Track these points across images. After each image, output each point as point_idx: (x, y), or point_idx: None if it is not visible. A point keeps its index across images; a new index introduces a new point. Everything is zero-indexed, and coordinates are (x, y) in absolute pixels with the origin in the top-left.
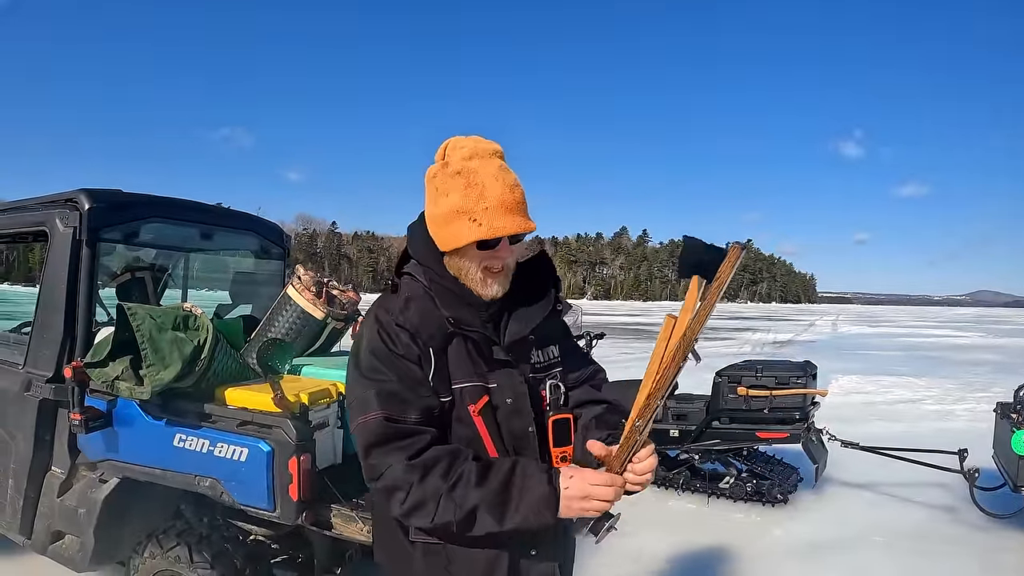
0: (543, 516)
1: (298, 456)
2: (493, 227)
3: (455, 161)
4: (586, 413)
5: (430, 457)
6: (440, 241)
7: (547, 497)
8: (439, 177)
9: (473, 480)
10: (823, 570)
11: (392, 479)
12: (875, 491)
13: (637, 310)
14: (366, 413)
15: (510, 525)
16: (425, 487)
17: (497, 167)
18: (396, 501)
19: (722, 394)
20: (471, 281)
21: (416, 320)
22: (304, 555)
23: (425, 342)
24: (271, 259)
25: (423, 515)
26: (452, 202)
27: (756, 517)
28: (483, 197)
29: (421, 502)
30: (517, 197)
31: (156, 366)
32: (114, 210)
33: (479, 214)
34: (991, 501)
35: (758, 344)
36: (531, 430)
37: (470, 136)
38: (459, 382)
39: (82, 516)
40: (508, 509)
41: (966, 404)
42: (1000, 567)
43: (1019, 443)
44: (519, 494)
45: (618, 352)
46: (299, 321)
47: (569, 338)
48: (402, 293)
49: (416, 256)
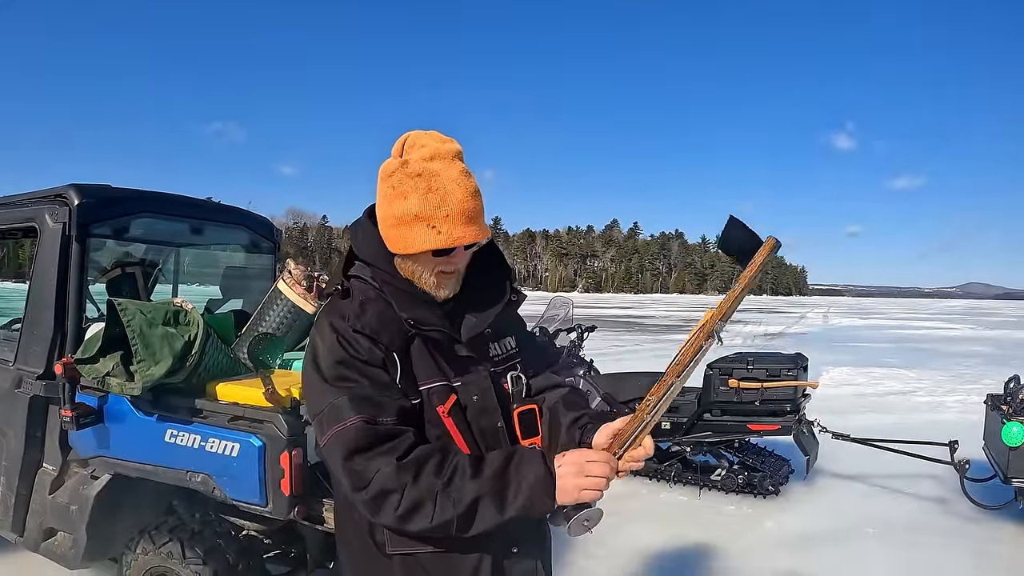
0: (543, 501)
1: (289, 450)
2: (452, 236)
3: (415, 161)
4: (550, 397)
5: (420, 455)
6: (393, 243)
7: (544, 479)
8: (397, 176)
9: (468, 472)
10: (815, 562)
11: (383, 483)
12: (866, 483)
13: (628, 303)
14: (341, 421)
15: (511, 513)
16: (420, 486)
17: (459, 172)
18: (390, 506)
19: (713, 386)
20: (423, 284)
21: (374, 324)
22: (297, 550)
23: (387, 346)
24: (261, 253)
25: (421, 516)
26: (410, 206)
27: (748, 509)
28: (444, 204)
29: (418, 503)
30: (477, 205)
31: (147, 362)
32: (104, 205)
33: (439, 222)
34: (982, 492)
35: (749, 336)
36: (500, 425)
37: (430, 132)
38: (425, 383)
39: (74, 513)
40: (507, 496)
41: (957, 396)
42: (991, 557)
43: (1009, 434)
44: (517, 479)
45: (609, 345)
46: (290, 315)
47: (525, 328)
48: (355, 297)
49: (364, 256)
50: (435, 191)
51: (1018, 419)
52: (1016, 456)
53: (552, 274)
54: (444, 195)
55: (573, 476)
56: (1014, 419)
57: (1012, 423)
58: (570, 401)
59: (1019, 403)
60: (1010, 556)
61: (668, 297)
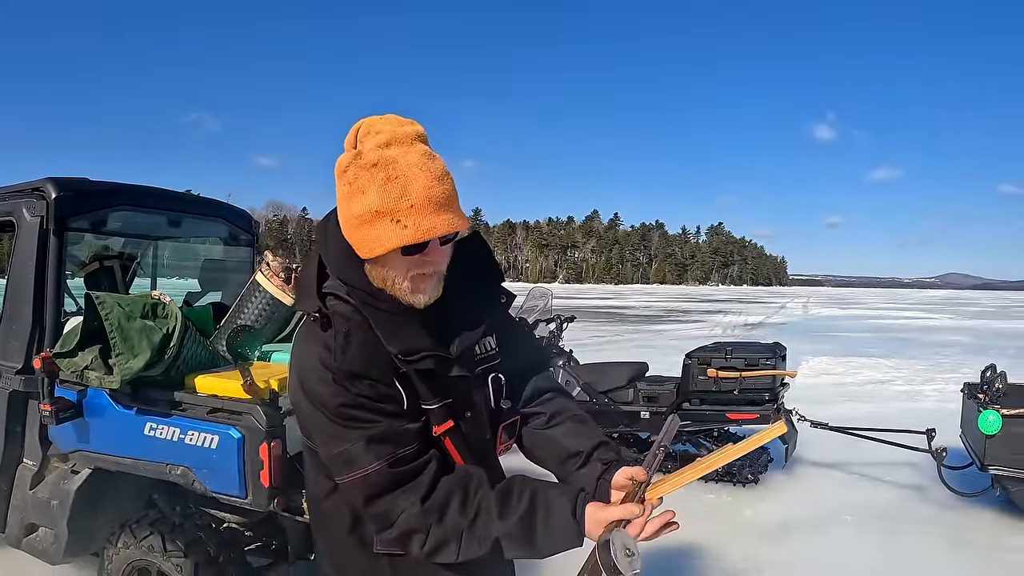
0: (568, 545)
1: (269, 442)
2: (420, 228)
3: (370, 150)
4: (547, 407)
5: (443, 494)
6: (359, 248)
7: (570, 528)
8: (352, 170)
9: (494, 511)
10: (794, 549)
11: (408, 525)
12: (845, 471)
13: (609, 293)
14: (364, 467)
15: (539, 554)
16: (445, 527)
17: (420, 154)
18: (415, 544)
19: (692, 376)
20: (398, 291)
21: (364, 359)
22: (278, 541)
23: (381, 381)
24: (240, 246)
25: (447, 554)
26: (369, 201)
27: (727, 497)
28: (406, 193)
29: (444, 541)
30: (446, 190)
31: (125, 355)
32: (81, 199)
33: (402, 214)
34: (959, 480)
35: (729, 326)
36: (488, 436)
37: (385, 116)
38: (426, 403)
39: (55, 508)
40: (536, 540)
41: (934, 385)
42: (968, 544)
43: (986, 422)
44: (544, 526)
45: (589, 335)
46: (268, 307)
47: (511, 326)
48: (338, 328)
49: (336, 272)
50: (395, 180)
51: (994, 407)
52: (993, 444)
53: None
54: (406, 183)
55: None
56: (991, 407)
57: (989, 411)
58: (581, 427)
59: (996, 392)
60: (987, 543)
61: (649, 287)
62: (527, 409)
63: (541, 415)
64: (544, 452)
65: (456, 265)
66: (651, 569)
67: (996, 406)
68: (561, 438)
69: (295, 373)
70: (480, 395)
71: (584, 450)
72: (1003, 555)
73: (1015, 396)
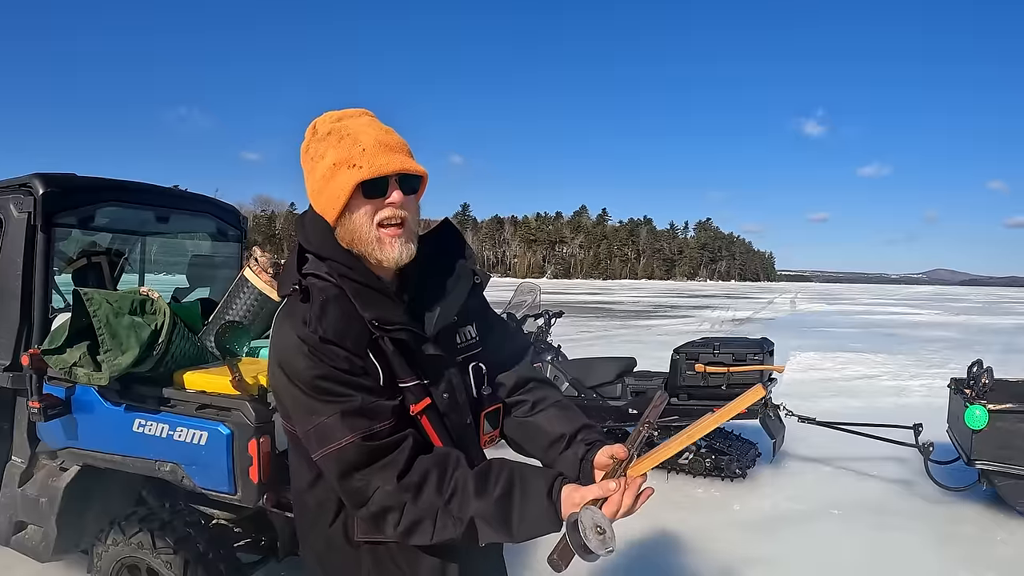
0: (547, 528)
1: (258, 438)
2: (374, 166)
3: (322, 125)
4: (530, 395)
5: (419, 472)
6: (326, 208)
7: (546, 509)
8: (311, 145)
9: (471, 490)
10: (782, 543)
11: (383, 502)
12: (832, 465)
13: (597, 288)
14: (338, 441)
15: (515, 537)
16: (420, 505)
17: (369, 119)
18: (389, 524)
19: (680, 371)
20: (367, 244)
21: (339, 327)
22: (267, 538)
23: (355, 351)
24: (228, 241)
25: (421, 534)
26: (328, 160)
27: (715, 492)
28: (358, 142)
29: (418, 521)
30: (396, 139)
31: (114, 351)
32: (69, 194)
33: (357, 157)
34: (946, 474)
35: (717, 321)
36: (468, 422)
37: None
38: (402, 381)
39: (44, 505)
40: (512, 522)
41: (921, 380)
42: (955, 538)
43: (972, 417)
44: (521, 508)
45: (577, 330)
46: (256, 303)
47: (490, 314)
48: (315, 298)
49: (314, 249)
50: (347, 136)
51: (981, 402)
52: (979, 439)
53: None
54: (356, 136)
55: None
56: (977, 402)
57: (975, 406)
58: (565, 412)
59: (982, 387)
60: (974, 537)
61: (637, 283)
62: (510, 399)
63: (524, 403)
64: (529, 439)
65: (429, 251)
66: (639, 563)
67: (983, 401)
68: (544, 424)
69: (273, 355)
70: (459, 380)
71: (567, 433)
72: (990, 549)
73: (1001, 391)
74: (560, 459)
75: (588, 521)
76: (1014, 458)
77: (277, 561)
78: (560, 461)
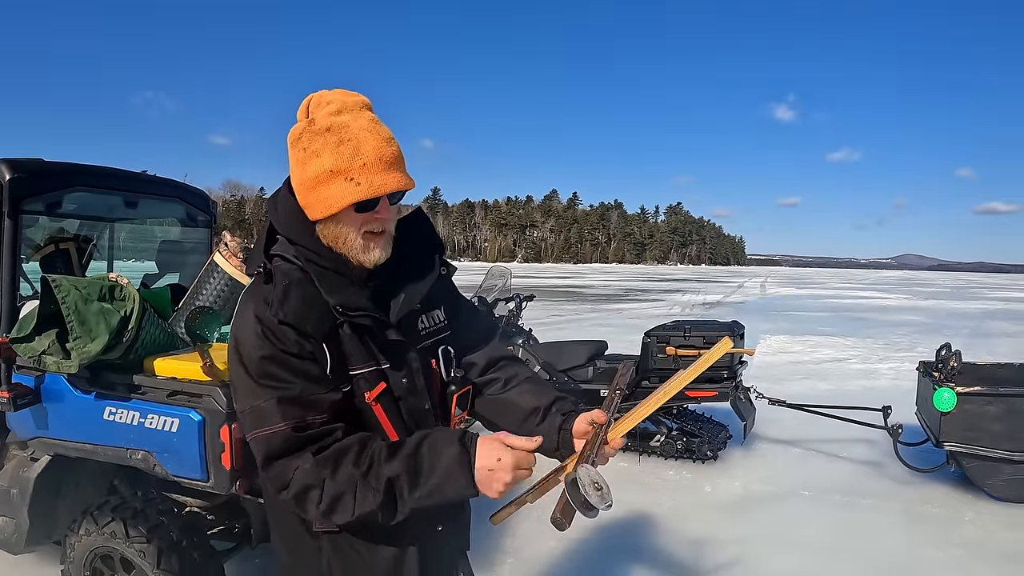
0: (459, 479)
1: (229, 424)
2: (373, 185)
3: (322, 117)
4: (502, 373)
5: (338, 448)
6: (312, 208)
7: (459, 457)
8: (306, 136)
9: (384, 456)
10: (753, 524)
11: (303, 481)
12: (802, 447)
13: (568, 272)
14: (269, 426)
15: (427, 491)
16: (338, 479)
17: (369, 120)
18: (311, 503)
19: (651, 354)
20: (350, 249)
21: (300, 310)
22: (240, 524)
23: (312, 335)
24: (197, 227)
25: (343, 509)
26: (324, 163)
27: (687, 474)
28: (359, 153)
29: (338, 496)
30: (395, 151)
31: (83, 338)
32: (36, 180)
33: (356, 172)
34: (914, 456)
35: (687, 305)
36: (427, 407)
37: (334, 90)
38: (355, 368)
39: (15, 497)
40: (422, 475)
41: (890, 363)
42: (924, 519)
43: (940, 400)
44: (431, 457)
45: (548, 314)
46: (227, 288)
47: (458, 298)
48: (278, 281)
49: (284, 232)
50: (347, 142)
51: (949, 385)
52: (947, 421)
53: (492, 244)
54: (357, 144)
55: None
56: (945, 385)
57: (943, 389)
58: (537, 386)
59: (950, 370)
60: (942, 517)
61: (607, 267)
62: (482, 378)
63: (496, 381)
64: (502, 416)
65: (399, 239)
66: (613, 544)
67: (951, 384)
68: (517, 399)
69: (232, 334)
70: (420, 365)
71: (541, 405)
72: (957, 528)
73: (969, 374)
74: (536, 431)
75: (586, 478)
76: (981, 440)
77: (251, 548)
78: (536, 434)
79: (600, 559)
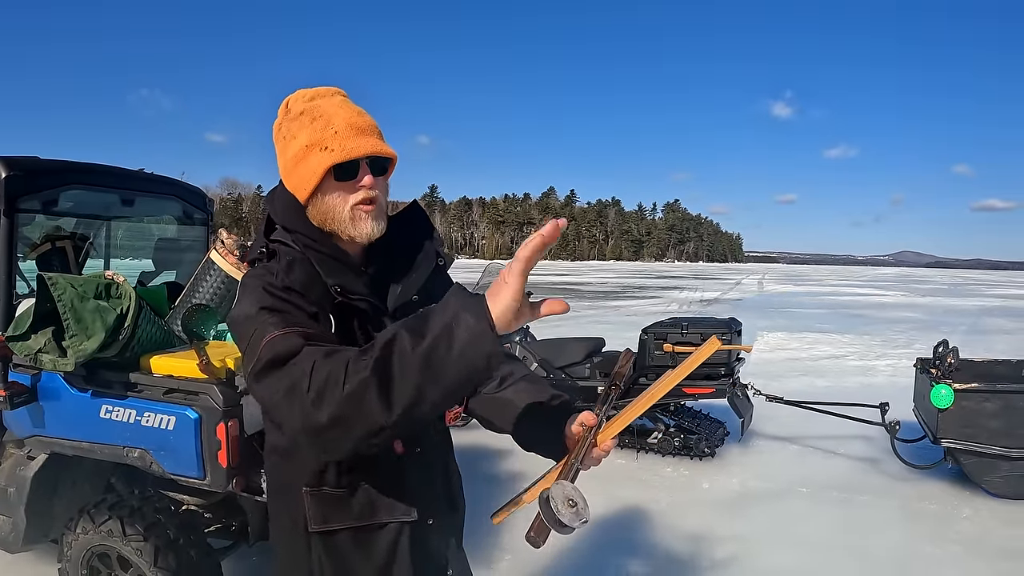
0: (470, 306)
1: (226, 422)
2: (346, 149)
3: (295, 105)
4: (499, 370)
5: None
6: (298, 189)
7: (459, 291)
8: (284, 125)
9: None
10: (750, 521)
11: (297, 371)
12: (800, 444)
13: (565, 269)
14: (271, 334)
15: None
16: (333, 360)
17: (341, 99)
18: (300, 392)
19: (649, 351)
20: (340, 223)
21: (304, 280)
22: (237, 522)
23: (316, 304)
24: (194, 224)
25: (331, 387)
26: (300, 141)
27: (684, 471)
28: (330, 124)
29: (329, 374)
30: (368, 121)
31: (79, 336)
32: (32, 178)
33: (328, 140)
34: (912, 453)
35: (685, 302)
36: None
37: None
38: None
39: (12, 495)
40: (427, 322)
41: (888, 360)
42: (921, 515)
43: (938, 396)
44: (432, 310)
45: None
46: (223, 286)
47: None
48: (282, 257)
49: (281, 221)
50: (319, 118)
51: (947, 382)
52: (945, 417)
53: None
54: (329, 118)
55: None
56: (943, 382)
57: (941, 385)
58: (534, 385)
59: (948, 367)
60: (939, 514)
61: (605, 264)
62: None
63: (492, 379)
64: (498, 414)
65: (396, 232)
66: (610, 541)
67: (948, 381)
68: (513, 397)
69: (231, 315)
70: None
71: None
72: (954, 524)
73: (967, 371)
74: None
75: (559, 495)
76: (978, 436)
77: (248, 546)
78: (540, 444)
79: (597, 556)
